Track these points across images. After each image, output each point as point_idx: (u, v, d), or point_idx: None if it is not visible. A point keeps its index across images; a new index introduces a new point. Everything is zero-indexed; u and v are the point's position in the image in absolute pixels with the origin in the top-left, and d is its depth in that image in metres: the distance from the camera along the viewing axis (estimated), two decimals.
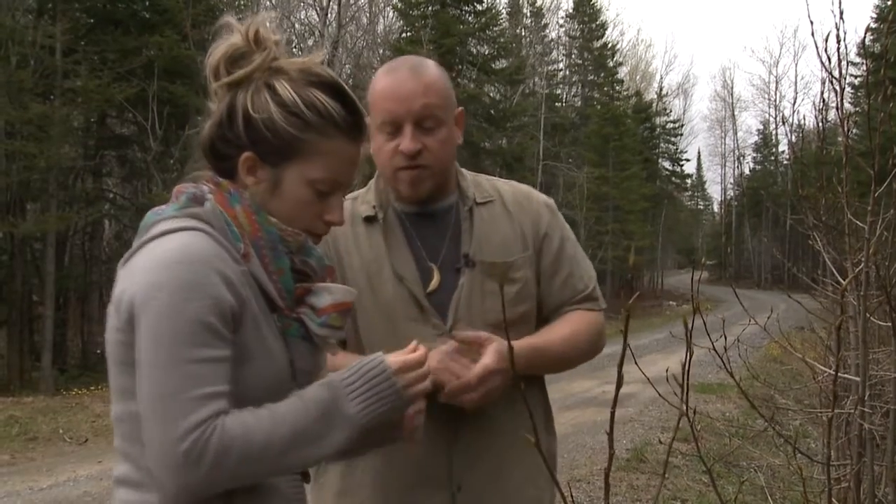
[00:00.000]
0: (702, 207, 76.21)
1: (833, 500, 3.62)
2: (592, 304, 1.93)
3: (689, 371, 1.36)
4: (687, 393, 1.41)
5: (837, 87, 3.52)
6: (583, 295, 1.91)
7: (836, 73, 3.71)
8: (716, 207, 76.06)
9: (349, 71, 23.06)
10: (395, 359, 1.34)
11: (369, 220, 1.84)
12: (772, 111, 59.21)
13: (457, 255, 1.82)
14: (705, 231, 72.92)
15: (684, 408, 1.41)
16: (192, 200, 1.33)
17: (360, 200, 1.88)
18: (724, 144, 64.00)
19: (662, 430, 7.71)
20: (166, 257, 1.23)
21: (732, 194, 62.85)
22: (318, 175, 1.34)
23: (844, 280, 4.29)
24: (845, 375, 3.43)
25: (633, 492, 5.92)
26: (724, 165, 64.31)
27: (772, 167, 58.08)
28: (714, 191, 79.66)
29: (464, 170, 1.94)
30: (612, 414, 1.13)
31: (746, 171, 62.30)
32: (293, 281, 1.35)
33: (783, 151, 56.22)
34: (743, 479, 4.76)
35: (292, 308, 1.35)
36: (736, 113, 63.10)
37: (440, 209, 1.85)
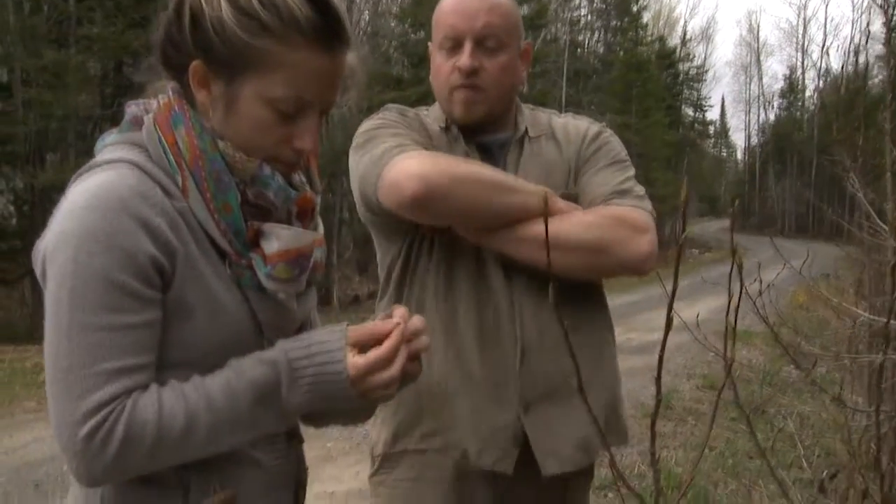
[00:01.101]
0: (725, 155, 75.36)
1: (872, 445, 3.51)
2: (626, 198, 1.67)
3: (736, 317, 1.22)
4: (733, 340, 1.28)
5: (884, 16, 3.32)
6: (612, 190, 1.68)
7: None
8: (739, 155, 75.08)
9: (367, 18, 22.71)
10: (355, 362, 1.09)
11: (442, 129, 1.74)
12: (799, 56, 58.10)
13: None
14: (728, 179, 72.17)
15: (726, 355, 1.27)
16: (132, 123, 1.14)
17: (426, 113, 1.79)
18: (749, 91, 62.94)
19: (688, 378, 7.51)
20: (78, 202, 1.03)
21: (757, 141, 61.96)
22: (279, 93, 1.08)
23: (885, 222, 4.12)
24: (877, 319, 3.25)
25: (661, 439, 5.78)
26: (749, 112, 63.29)
27: (798, 113, 57.08)
28: (738, 138, 78.74)
29: (525, 105, 1.82)
30: (661, 359, 1.07)
31: (771, 119, 61.33)
32: (245, 219, 1.12)
33: (810, 97, 55.31)
34: (779, 427, 4.65)
35: (244, 252, 1.13)
36: (762, 58, 61.99)
37: (494, 142, 1.74)
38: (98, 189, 1.03)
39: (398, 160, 1.55)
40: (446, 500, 1.68)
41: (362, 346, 1.11)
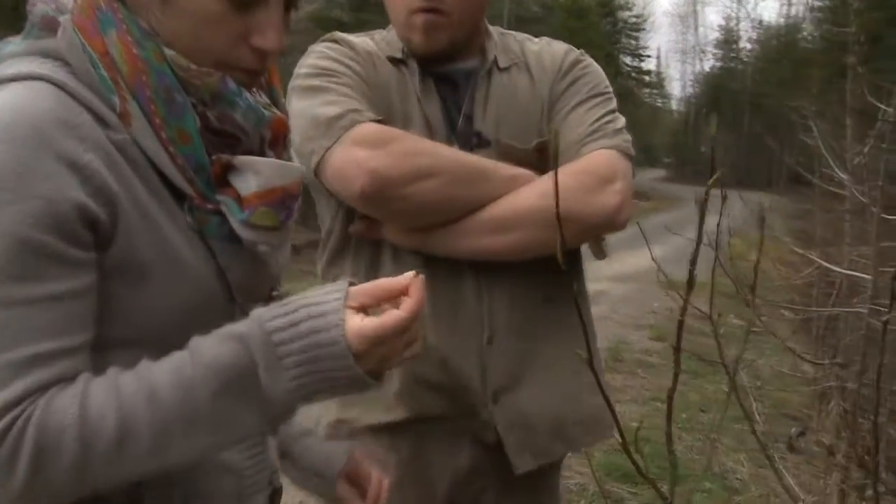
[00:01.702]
0: (661, 105, 76.17)
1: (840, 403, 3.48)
2: (598, 140, 1.44)
3: (695, 263, 1.11)
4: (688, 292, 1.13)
5: None
6: (586, 133, 1.45)
7: None
8: (675, 105, 76.03)
9: None
10: (361, 329, 0.81)
11: (395, 62, 1.48)
12: (735, 6, 58.63)
13: (471, 131, 1.47)
14: (664, 128, 73.15)
15: (686, 308, 1.10)
16: (42, 27, 0.87)
17: (381, 39, 1.53)
18: (686, 41, 63.51)
19: (636, 328, 7.35)
20: None
21: (693, 91, 62.84)
22: None
23: (844, 172, 4.07)
24: (855, 273, 3.31)
25: (611, 392, 5.56)
26: (686, 62, 63.97)
27: (733, 64, 57.80)
28: (674, 88, 79.57)
29: (494, 28, 1.58)
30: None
31: (707, 69, 62.10)
32: (207, 151, 0.88)
33: (744, 48, 56.04)
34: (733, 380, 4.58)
35: (208, 194, 0.89)
36: (699, 8, 62.41)
37: (458, 72, 1.49)
38: (1, 115, 0.77)
39: (348, 144, 1.34)
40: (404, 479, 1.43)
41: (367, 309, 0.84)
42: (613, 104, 1.53)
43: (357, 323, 0.81)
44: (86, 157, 0.79)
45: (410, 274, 0.85)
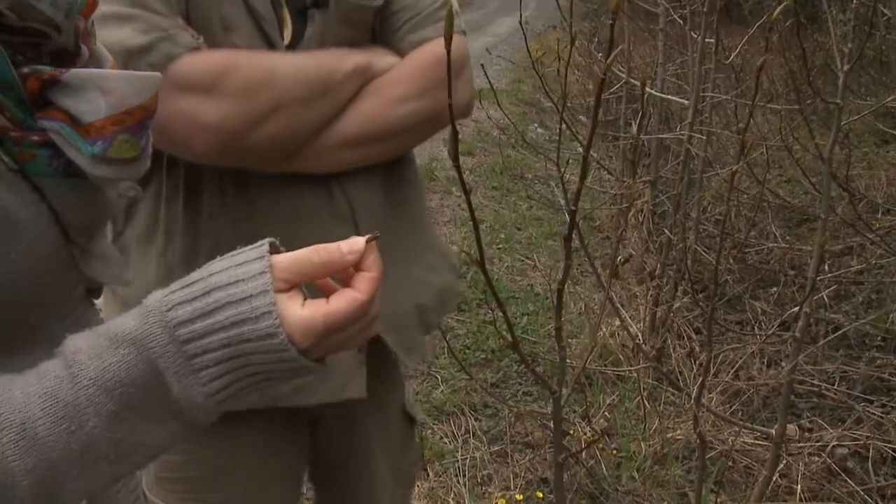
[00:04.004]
0: None
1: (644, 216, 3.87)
2: (429, 27, 1.20)
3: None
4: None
5: None
6: (416, 21, 1.20)
7: None
8: None
9: None
10: (306, 318, 0.63)
11: None
12: None
13: None
14: None
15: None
16: None
17: None
18: None
19: (445, 143, 4.62)
20: None
21: None
22: None
23: None
24: (674, 98, 3.60)
25: (431, 214, 3.97)
26: None
27: None
28: None
29: None
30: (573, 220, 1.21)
31: None
32: (11, 62, 0.62)
33: None
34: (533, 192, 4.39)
35: (30, 122, 0.64)
36: None
37: None
38: None
39: (167, 89, 0.83)
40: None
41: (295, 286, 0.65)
42: None
43: (297, 314, 0.63)
44: None
45: (360, 241, 0.66)
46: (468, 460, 2.67)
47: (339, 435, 1.38)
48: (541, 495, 2.53)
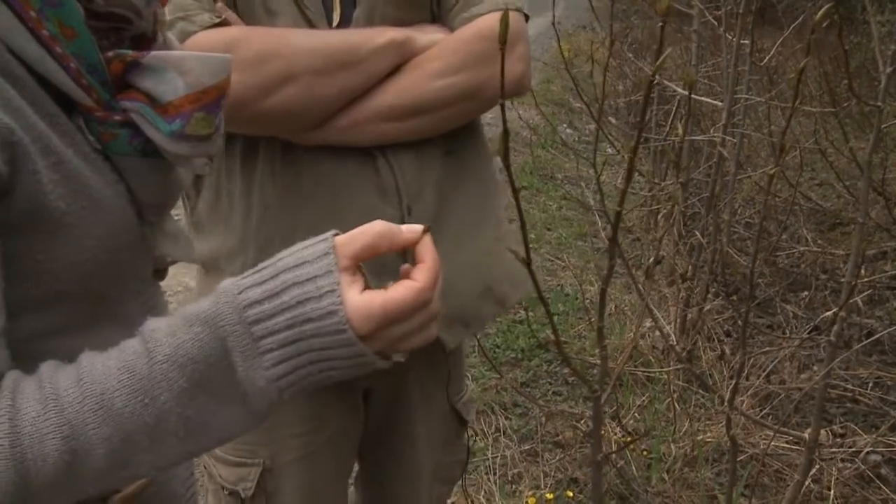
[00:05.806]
0: None
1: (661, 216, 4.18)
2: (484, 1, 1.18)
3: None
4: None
5: None
6: None
7: None
8: None
9: None
10: (365, 302, 0.63)
11: None
12: None
13: None
14: None
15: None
16: None
17: None
18: None
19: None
20: None
21: None
22: None
23: None
24: (707, 100, 3.60)
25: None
26: None
27: None
28: None
29: None
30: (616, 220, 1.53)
31: None
32: (97, 46, 0.65)
33: None
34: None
35: (107, 101, 0.67)
36: None
37: None
38: None
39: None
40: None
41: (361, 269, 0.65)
42: None
43: (356, 297, 0.63)
44: None
45: (417, 228, 0.67)
46: (498, 458, 2.69)
47: (387, 411, 1.40)
48: (570, 495, 2.54)
